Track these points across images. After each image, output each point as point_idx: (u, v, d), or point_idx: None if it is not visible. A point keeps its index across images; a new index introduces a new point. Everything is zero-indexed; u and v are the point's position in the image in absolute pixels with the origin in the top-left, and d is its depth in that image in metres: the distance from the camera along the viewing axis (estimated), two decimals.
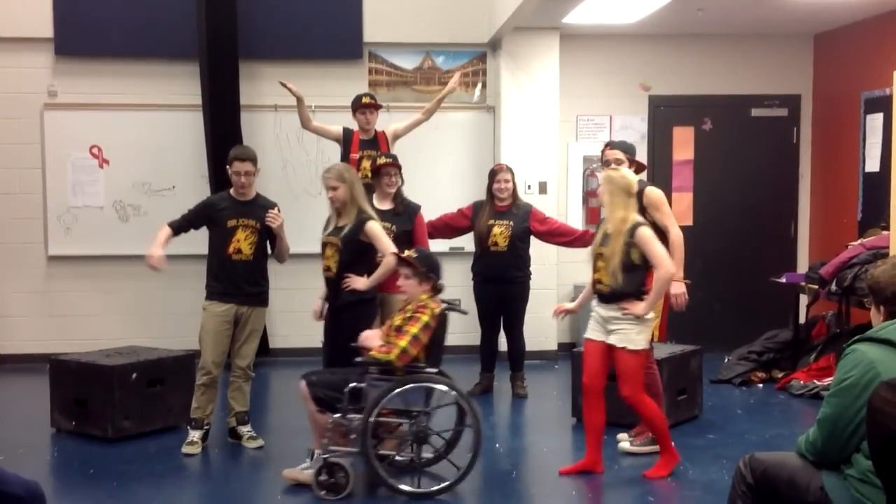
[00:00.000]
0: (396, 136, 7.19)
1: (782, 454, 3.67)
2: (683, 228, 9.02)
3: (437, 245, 7.67)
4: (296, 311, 8.45)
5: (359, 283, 5.63)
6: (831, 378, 5.37)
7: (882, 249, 6.94)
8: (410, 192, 6.81)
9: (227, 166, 5.96)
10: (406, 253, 5.37)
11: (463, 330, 8.65)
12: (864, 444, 3.25)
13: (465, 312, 5.57)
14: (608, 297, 5.30)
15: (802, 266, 8.92)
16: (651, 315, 5.32)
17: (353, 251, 5.62)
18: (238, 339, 5.98)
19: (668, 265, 5.24)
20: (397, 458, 5.21)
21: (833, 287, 7.23)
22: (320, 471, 5.02)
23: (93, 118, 8.56)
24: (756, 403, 7.24)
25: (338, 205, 5.71)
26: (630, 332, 5.25)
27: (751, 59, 9.09)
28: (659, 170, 9.13)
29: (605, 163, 5.97)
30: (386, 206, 6.16)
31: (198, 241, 6.23)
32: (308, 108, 7.20)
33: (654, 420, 5.37)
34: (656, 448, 5.63)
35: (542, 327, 8.52)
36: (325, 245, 5.76)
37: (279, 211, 5.96)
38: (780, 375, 7.78)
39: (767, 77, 9.13)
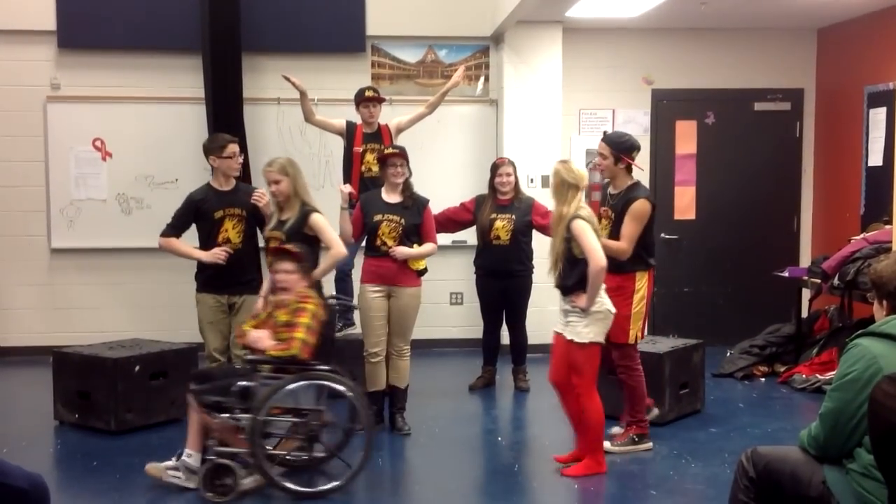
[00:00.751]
0: (400, 130, 7.19)
1: (784, 448, 3.68)
2: (687, 223, 9.20)
3: (439, 239, 7.66)
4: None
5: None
6: (833, 372, 5.38)
7: (885, 244, 6.94)
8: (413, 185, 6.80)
9: (213, 156, 5.96)
10: (290, 246, 5.35)
11: (465, 323, 8.70)
12: (866, 438, 3.25)
13: (354, 307, 5.55)
14: (562, 290, 5.34)
15: (805, 260, 8.92)
16: (598, 308, 5.24)
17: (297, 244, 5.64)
18: (234, 328, 5.99)
19: (598, 258, 5.14)
20: (289, 457, 5.12)
21: (835, 281, 7.22)
22: (208, 472, 4.91)
23: (96, 111, 8.56)
24: (758, 397, 7.24)
25: (281, 198, 5.74)
26: (577, 324, 5.26)
27: (754, 53, 9.08)
28: (662, 164, 9.14)
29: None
30: (395, 199, 6.16)
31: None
32: (311, 102, 7.20)
33: (590, 419, 5.28)
34: (637, 448, 5.65)
35: (544, 321, 8.47)
36: (268, 240, 5.76)
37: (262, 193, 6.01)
38: (782, 369, 7.78)
39: (771, 71, 9.11)
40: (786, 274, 8.15)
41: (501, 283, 7.19)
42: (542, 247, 7.72)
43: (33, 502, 3.64)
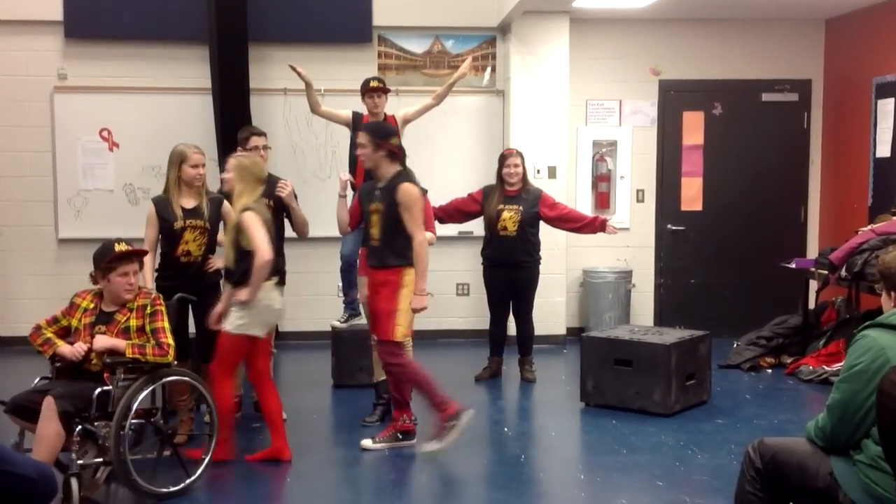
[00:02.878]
0: (407, 121, 7.16)
1: (791, 439, 3.68)
2: (693, 214, 9.19)
3: (446, 229, 7.71)
4: (303, 295, 8.50)
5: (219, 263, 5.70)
6: (840, 364, 5.36)
7: (892, 235, 6.93)
8: (419, 177, 6.78)
9: (240, 147, 6.02)
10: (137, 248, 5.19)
11: (471, 314, 8.71)
12: (874, 429, 3.25)
13: (193, 299, 5.52)
14: (230, 282, 5.38)
15: (812, 251, 8.90)
16: (258, 302, 5.23)
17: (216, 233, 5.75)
18: None
19: (263, 252, 5.13)
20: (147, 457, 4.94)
21: (843, 273, 7.21)
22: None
23: (103, 101, 8.56)
24: (765, 389, 7.24)
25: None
26: (233, 314, 5.28)
27: (762, 44, 9.04)
28: (669, 155, 9.12)
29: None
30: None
31: None
32: (317, 92, 7.19)
33: (220, 406, 5.18)
34: (399, 444, 5.62)
35: (550, 312, 8.54)
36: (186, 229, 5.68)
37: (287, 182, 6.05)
38: (789, 361, 7.77)
39: (778, 62, 9.08)
40: (793, 265, 8.13)
41: (508, 274, 7.18)
42: (549, 238, 7.74)
43: (41, 491, 3.66)
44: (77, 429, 4.53)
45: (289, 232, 6.36)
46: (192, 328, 5.77)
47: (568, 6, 8.25)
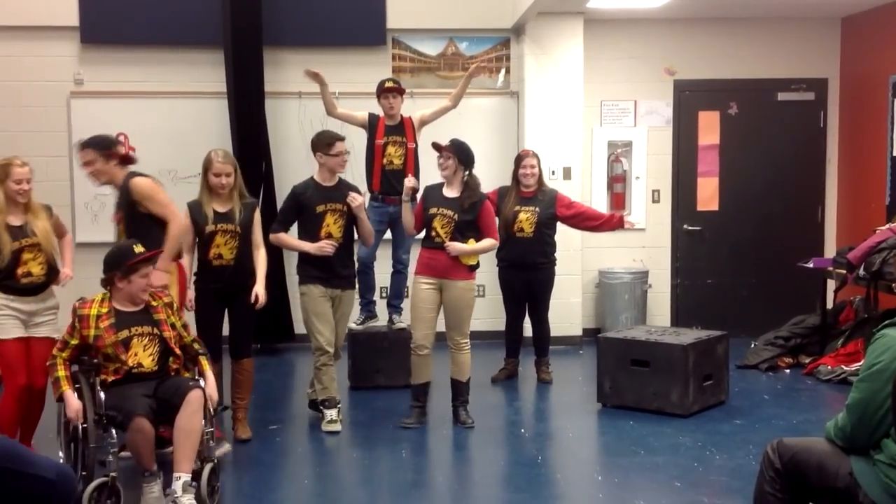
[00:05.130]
0: (423, 123, 7.18)
1: (810, 440, 3.66)
2: (710, 214, 9.16)
3: None
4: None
5: None
6: (859, 363, 5.33)
7: None
8: (436, 179, 6.79)
9: (320, 152, 6.07)
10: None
11: (488, 315, 8.70)
12: (894, 429, 3.23)
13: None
14: None
15: (830, 251, 8.85)
16: None
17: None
18: (337, 323, 6.13)
19: None
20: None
21: (861, 272, 7.17)
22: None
23: (119, 106, 8.60)
24: (783, 389, 7.20)
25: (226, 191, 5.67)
26: None
27: (777, 43, 9.01)
28: (684, 155, 9.09)
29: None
30: (452, 193, 6.10)
31: None
32: (332, 95, 7.20)
33: None
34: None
35: (567, 313, 8.52)
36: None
37: (360, 194, 6.09)
38: (807, 361, 7.73)
39: (794, 61, 9.04)
40: (811, 265, 8.09)
41: (524, 275, 7.18)
42: (565, 239, 7.73)
43: (59, 492, 3.69)
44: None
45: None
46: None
47: (582, 7, 8.24)
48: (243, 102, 8.29)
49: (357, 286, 6.59)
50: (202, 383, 4.85)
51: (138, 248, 4.93)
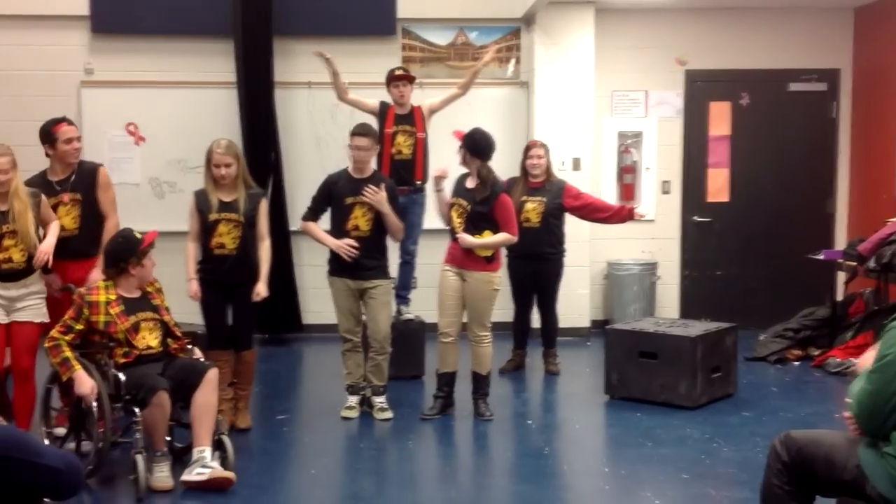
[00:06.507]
0: (432, 111, 7.16)
1: (818, 432, 3.65)
2: (720, 205, 9.12)
3: None
4: (328, 288, 8.49)
5: None
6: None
7: None
8: (451, 169, 6.75)
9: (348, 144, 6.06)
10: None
11: (496, 306, 8.66)
12: None
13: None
14: None
15: (840, 242, 8.81)
16: None
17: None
18: (366, 313, 6.13)
19: None
20: None
21: (871, 264, 7.14)
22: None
23: (129, 95, 8.62)
24: (791, 381, 7.18)
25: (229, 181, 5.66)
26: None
27: (789, 33, 8.95)
28: (695, 145, 9.05)
29: None
30: (471, 183, 6.08)
31: None
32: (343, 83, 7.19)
33: None
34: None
35: (575, 304, 8.50)
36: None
37: (383, 189, 6.00)
38: (816, 353, 7.71)
39: (806, 51, 8.98)
40: (821, 256, 8.06)
41: (532, 265, 7.16)
42: (573, 230, 7.71)
43: (66, 481, 3.71)
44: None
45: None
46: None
47: None
48: (253, 92, 8.30)
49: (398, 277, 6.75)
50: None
51: (139, 234, 5.11)
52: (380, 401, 6.15)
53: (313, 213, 6.21)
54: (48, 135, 5.64)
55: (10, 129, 7.92)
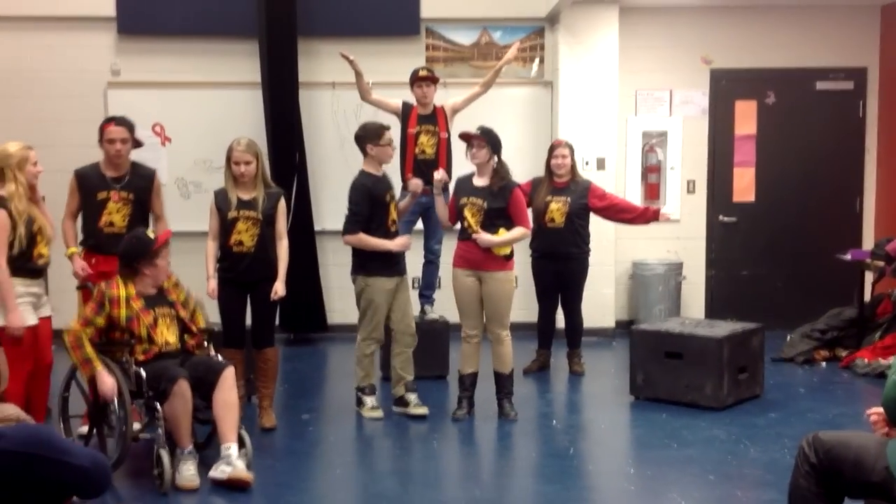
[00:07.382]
0: (455, 111, 7.16)
1: (847, 434, 3.62)
2: (746, 205, 9.06)
3: None
4: (352, 287, 8.50)
5: None
6: None
7: None
8: (469, 169, 6.77)
9: (370, 143, 6.08)
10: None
11: (519, 307, 8.64)
12: None
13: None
14: None
15: (868, 242, 8.73)
16: None
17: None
18: (396, 307, 6.16)
19: None
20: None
21: None
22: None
23: (155, 96, 8.67)
24: (819, 382, 7.13)
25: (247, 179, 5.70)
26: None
27: (816, 31, 8.88)
28: (720, 145, 9.00)
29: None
30: (482, 182, 6.05)
31: None
32: (366, 83, 7.20)
33: None
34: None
35: (599, 304, 8.48)
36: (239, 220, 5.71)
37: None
38: (843, 354, 7.64)
39: (833, 49, 8.91)
40: (848, 257, 7.99)
41: (556, 265, 7.15)
42: (598, 230, 7.68)
43: (94, 480, 3.73)
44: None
45: (332, 224, 6.37)
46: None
47: None
48: (277, 93, 8.32)
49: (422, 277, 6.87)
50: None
51: (152, 234, 5.19)
52: (414, 397, 6.17)
53: (362, 224, 6.03)
54: (99, 131, 5.77)
55: (37, 130, 8.01)
